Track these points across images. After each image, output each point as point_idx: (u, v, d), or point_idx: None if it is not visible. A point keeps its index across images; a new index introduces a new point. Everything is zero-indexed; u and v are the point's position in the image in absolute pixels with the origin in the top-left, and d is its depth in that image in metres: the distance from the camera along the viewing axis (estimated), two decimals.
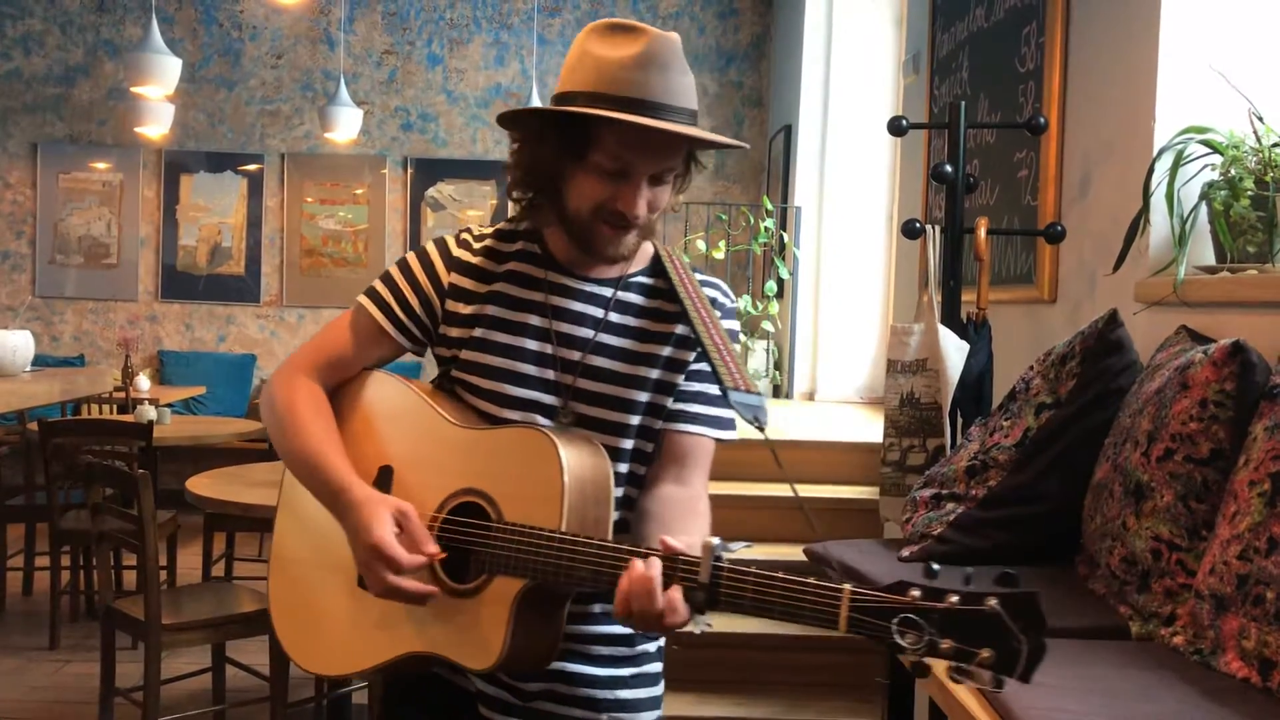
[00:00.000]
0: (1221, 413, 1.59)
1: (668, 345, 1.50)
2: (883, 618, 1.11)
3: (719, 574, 1.21)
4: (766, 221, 6.03)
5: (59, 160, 7.92)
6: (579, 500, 1.36)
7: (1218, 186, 2.04)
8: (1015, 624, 1.05)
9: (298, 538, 1.56)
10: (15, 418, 6.11)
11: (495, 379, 1.47)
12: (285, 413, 1.50)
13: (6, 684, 4.15)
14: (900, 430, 2.59)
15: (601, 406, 1.47)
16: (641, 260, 1.54)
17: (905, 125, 2.69)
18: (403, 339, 1.52)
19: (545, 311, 1.49)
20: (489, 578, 1.36)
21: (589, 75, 1.39)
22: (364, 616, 1.46)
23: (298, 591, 1.55)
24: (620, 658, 1.52)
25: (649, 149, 1.39)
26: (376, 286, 1.54)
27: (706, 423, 1.52)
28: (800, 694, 3.49)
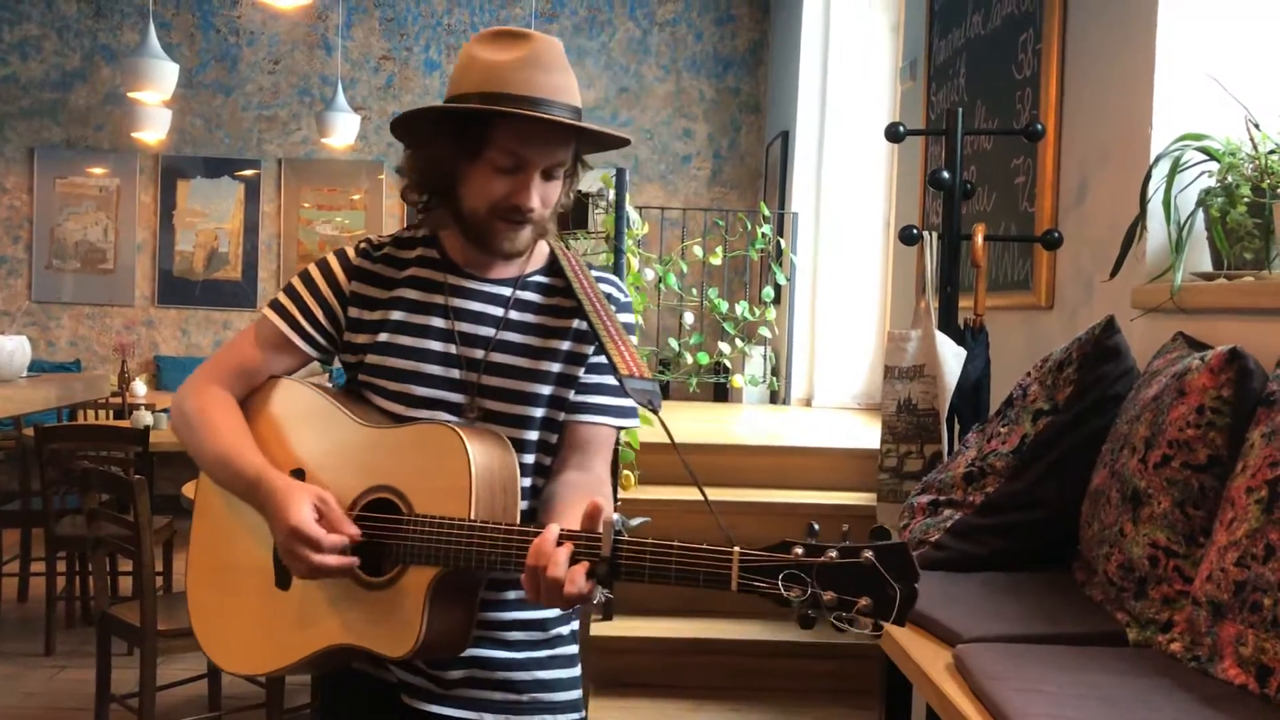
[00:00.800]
0: (1219, 419, 1.59)
1: (566, 340, 1.56)
2: (769, 576, 1.20)
3: (619, 547, 1.28)
4: (764, 227, 6.04)
5: (56, 165, 7.92)
6: (486, 490, 1.41)
7: (1214, 193, 2.04)
8: (889, 573, 1.16)
9: (213, 542, 1.60)
10: (11, 423, 6.10)
11: (402, 381, 1.52)
12: (196, 416, 1.54)
13: (2, 690, 4.14)
14: (898, 436, 2.59)
15: (507, 401, 1.53)
16: (538, 260, 1.60)
17: (903, 131, 2.70)
18: (308, 348, 1.57)
19: (447, 313, 1.55)
20: (403, 569, 1.42)
21: (479, 77, 1.46)
22: (282, 615, 1.51)
23: (215, 594, 1.58)
24: (535, 641, 1.57)
25: (541, 142, 1.46)
26: (280, 298, 1.59)
27: (606, 412, 1.59)
28: (797, 700, 3.49)
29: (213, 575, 1.59)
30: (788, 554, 1.20)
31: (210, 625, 1.59)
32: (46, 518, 4.49)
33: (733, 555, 1.22)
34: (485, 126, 1.46)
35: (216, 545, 1.60)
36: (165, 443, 5.22)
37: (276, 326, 1.57)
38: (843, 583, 1.18)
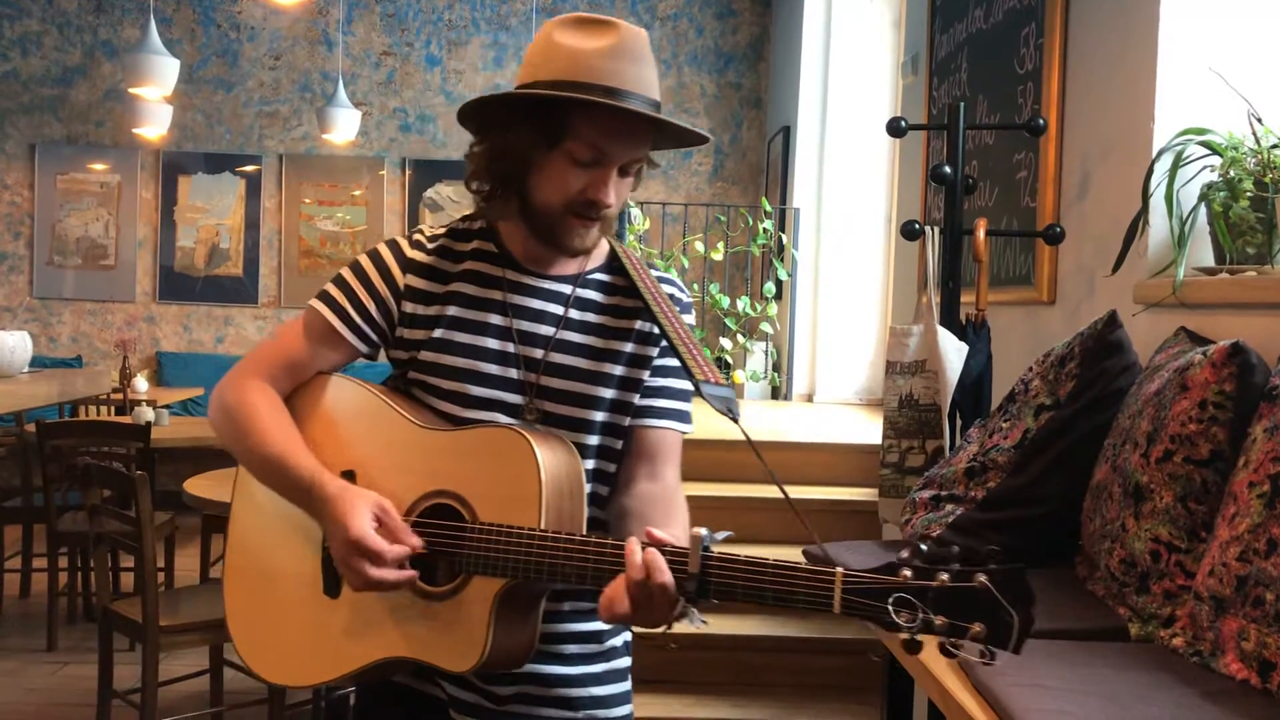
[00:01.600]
0: (1221, 414, 1.59)
1: (629, 341, 1.50)
2: (877, 599, 1.13)
3: (708, 563, 1.21)
4: (765, 223, 6.04)
5: (57, 161, 7.92)
6: (556, 498, 1.35)
7: (1217, 188, 2.04)
8: (1004, 597, 1.09)
9: (254, 546, 1.52)
10: (13, 419, 6.11)
11: (457, 379, 1.45)
12: (240, 414, 1.45)
13: (4, 686, 4.14)
14: (899, 432, 2.59)
15: (567, 404, 1.47)
16: (598, 257, 1.54)
17: (904, 126, 2.69)
18: (357, 342, 1.49)
19: (505, 310, 1.47)
20: (466, 579, 1.35)
21: (561, 65, 1.39)
22: (330, 624, 1.43)
23: (258, 602, 1.50)
24: (591, 655, 1.51)
25: (625, 137, 1.39)
26: (329, 289, 1.51)
27: (674, 417, 1.53)
28: (799, 696, 3.49)
29: (254, 581, 1.51)
30: (895, 576, 1.13)
31: (251, 633, 1.50)
32: (48, 513, 4.49)
33: (835, 576, 1.15)
34: (566, 116, 1.38)
35: (258, 549, 1.51)
36: (167, 439, 5.23)
37: (325, 319, 1.49)
38: (955, 607, 1.10)
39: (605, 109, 1.37)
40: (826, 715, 3.40)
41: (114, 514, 3.38)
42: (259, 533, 1.51)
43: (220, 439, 1.50)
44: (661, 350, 1.51)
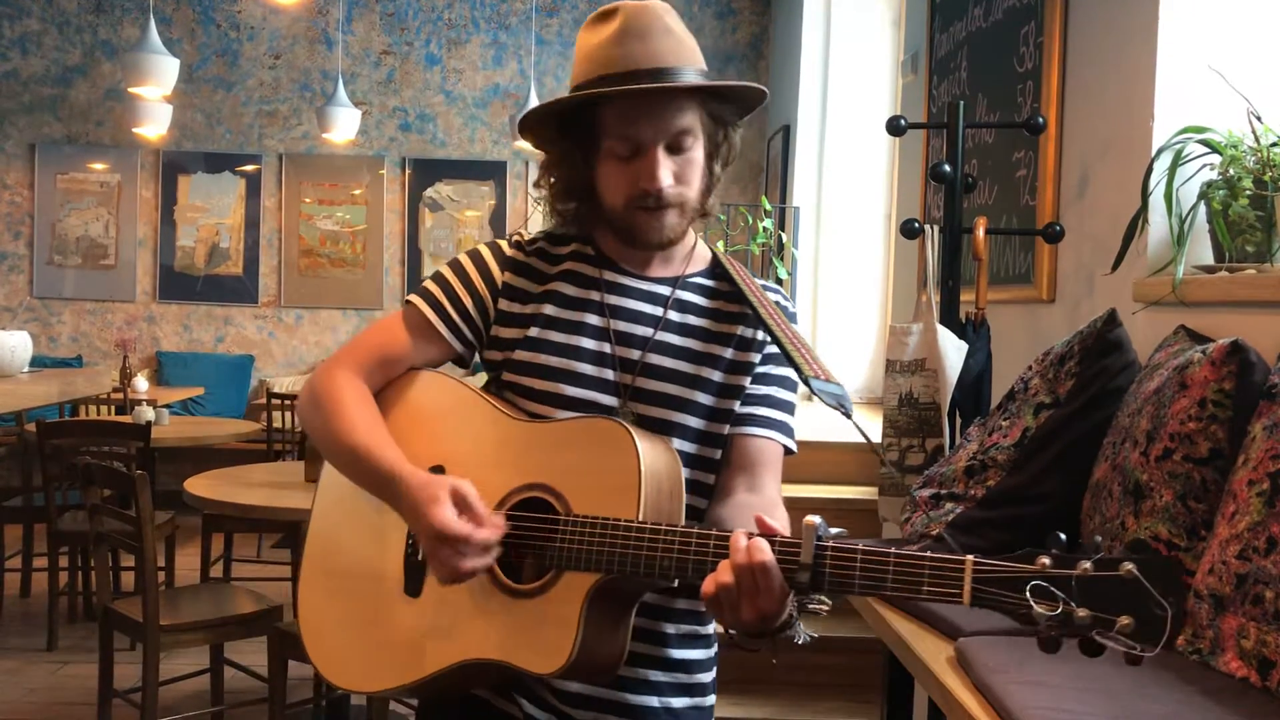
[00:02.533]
0: (1220, 412, 1.59)
1: (730, 347, 1.46)
2: (1012, 588, 1.05)
3: (822, 553, 1.14)
4: (765, 222, 6.03)
5: (56, 161, 7.92)
6: (654, 491, 1.29)
7: (1216, 186, 2.04)
8: (1155, 588, 1.00)
9: (334, 545, 1.48)
10: (13, 419, 6.11)
11: (551, 379, 1.42)
12: (328, 403, 1.43)
13: (4, 685, 4.14)
14: (899, 430, 2.59)
15: (662, 406, 1.42)
16: (700, 262, 1.52)
17: (904, 125, 2.69)
18: (454, 339, 1.47)
19: (602, 310, 1.45)
20: (556, 575, 1.29)
21: (581, 67, 1.40)
22: (411, 625, 1.38)
23: (335, 605, 1.45)
24: (678, 686, 1.45)
25: (648, 116, 1.36)
26: (428, 285, 1.49)
27: (776, 427, 1.47)
28: (799, 694, 3.49)
29: (331, 580, 1.46)
30: (1031, 564, 1.05)
31: (324, 637, 1.44)
32: (49, 513, 4.50)
33: (965, 564, 1.08)
34: (593, 117, 1.38)
35: (338, 548, 1.47)
36: (167, 438, 5.23)
37: (423, 314, 1.47)
38: (1100, 598, 1.02)
39: (616, 97, 1.35)
40: (827, 713, 3.40)
41: (114, 513, 3.38)
42: (340, 530, 1.47)
43: (307, 429, 1.48)
44: (765, 358, 1.48)
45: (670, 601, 1.44)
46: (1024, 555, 1.06)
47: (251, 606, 3.45)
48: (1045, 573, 1.04)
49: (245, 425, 6.01)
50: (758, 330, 1.48)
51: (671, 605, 1.44)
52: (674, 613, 1.45)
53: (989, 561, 1.07)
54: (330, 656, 1.44)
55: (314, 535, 1.50)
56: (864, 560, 1.13)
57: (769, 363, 1.48)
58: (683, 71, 1.38)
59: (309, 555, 1.49)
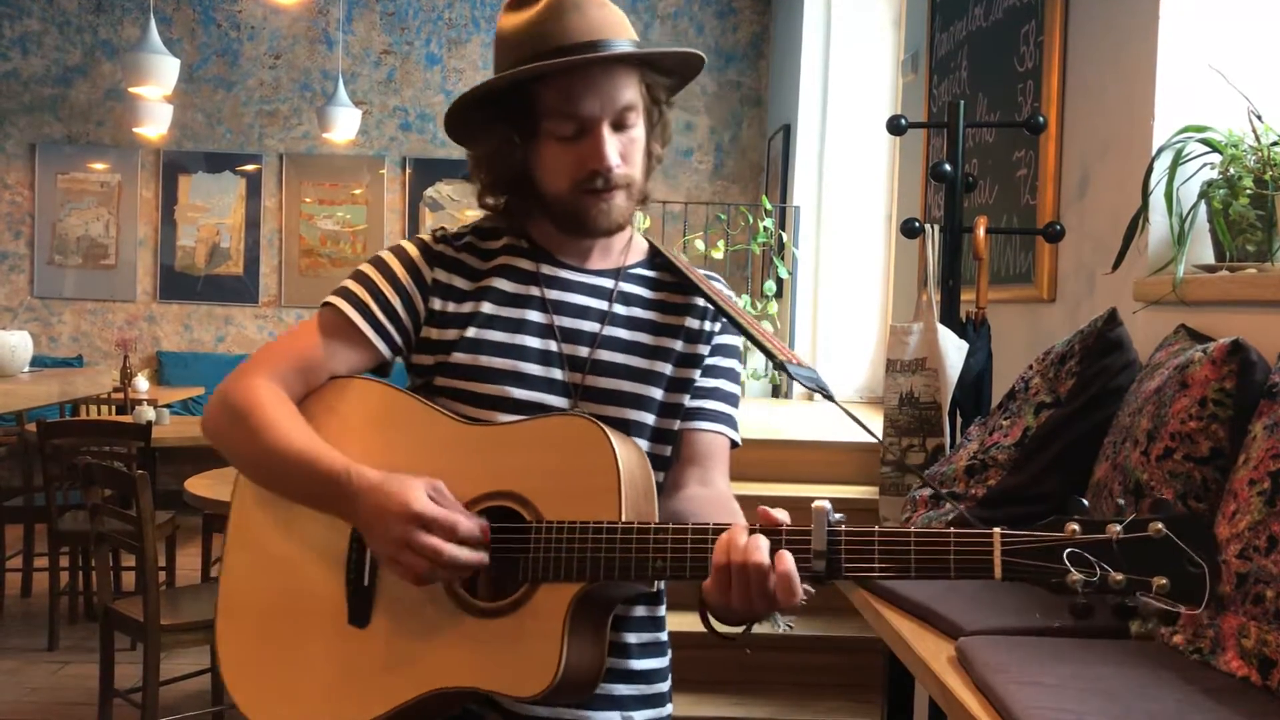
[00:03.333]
0: (1221, 411, 1.59)
1: (679, 339, 1.40)
2: (1044, 558, 1.03)
3: (836, 538, 1.09)
4: (765, 221, 6.03)
5: (57, 161, 7.92)
6: (632, 490, 1.21)
7: (1217, 185, 2.04)
8: (1188, 546, 0.99)
9: (257, 580, 1.32)
10: (14, 419, 6.11)
11: (496, 382, 1.32)
12: (249, 414, 1.28)
13: (5, 685, 4.14)
14: (899, 430, 2.58)
15: (616, 405, 1.35)
16: (637, 252, 1.45)
17: (904, 124, 2.69)
18: (380, 343, 1.34)
19: (544, 305, 1.36)
20: (531, 588, 1.19)
21: (508, 51, 1.31)
22: (363, 659, 1.25)
23: (266, 649, 1.30)
24: (640, 698, 1.37)
25: (591, 90, 1.28)
26: (349, 285, 1.37)
27: (725, 421, 1.42)
28: (800, 694, 3.49)
29: (258, 621, 1.31)
30: (1061, 531, 1.03)
31: (257, 686, 1.30)
32: (49, 513, 4.50)
33: (993, 537, 1.05)
34: (529, 98, 1.29)
35: (262, 582, 1.32)
36: (168, 438, 5.23)
37: (347, 316, 1.34)
38: (1133, 561, 1.00)
39: (552, 73, 1.27)
40: (827, 713, 3.40)
41: (115, 513, 3.38)
42: (263, 565, 1.33)
43: (221, 445, 1.34)
44: (714, 349, 1.42)
45: (630, 610, 1.37)
46: (1051, 523, 1.04)
47: None
48: (1076, 539, 1.02)
49: None
50: (704, 321, 1.42)
51: (631, 614, 1.37)
52: (634, 621, 1.38)
53: (1017, 533, 1.05)
54: (269, 706, 1.29)
55: (231, 575, 1.35)
56: (882, 542, 1.08)
57: (717, 354, 1.42)
58: (619, 44, 1.30)
59: (226, 599, 1.35)
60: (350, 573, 1.27)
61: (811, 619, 3.55)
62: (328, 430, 1.30)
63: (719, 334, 1.44)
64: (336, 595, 1.27)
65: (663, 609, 1.44)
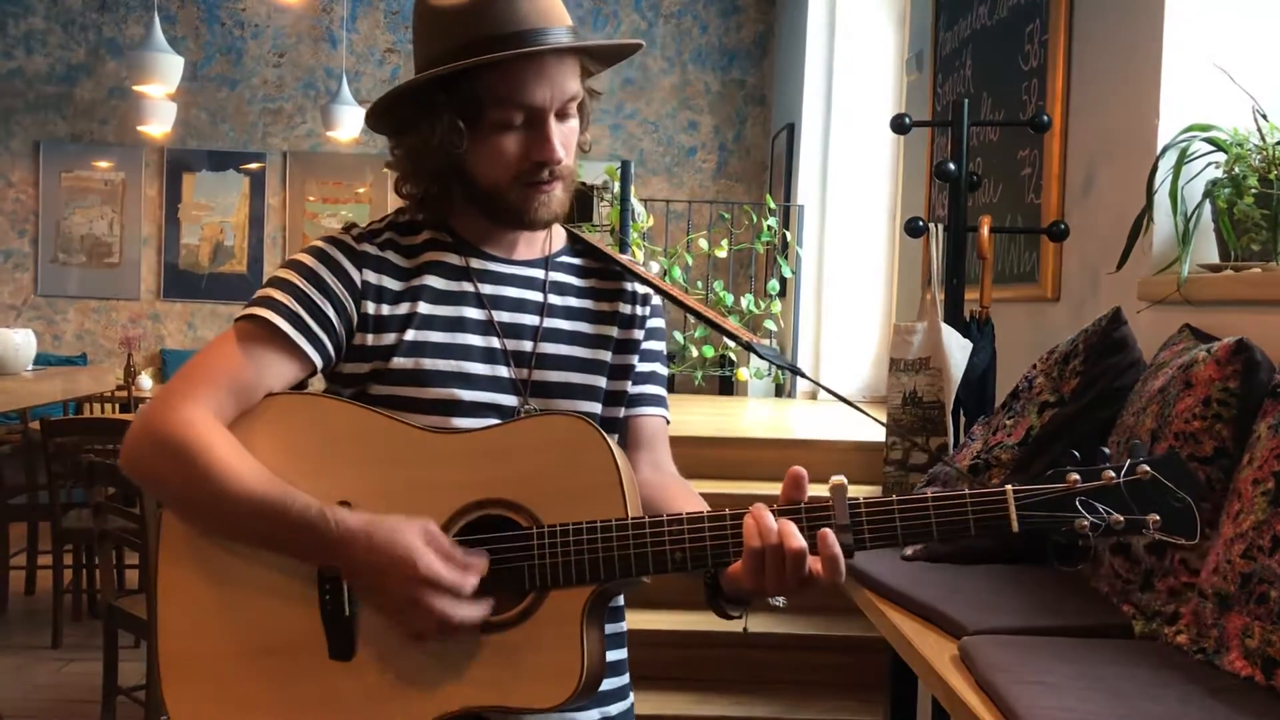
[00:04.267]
0: (1225, 411, 1.58)
1: (615, 325, 1.38)
2: (1056, 508, 1.11)
3: (857, 511, 1.13)
4: (769, 220, 6.03)
5: (61, 159, 7.93)
6: (630, 487, 1.20)
7: (1222, 184, 2.03)
8: (1172, 483, 1.09)
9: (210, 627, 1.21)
10: (17, 417, 6.11)
11: (443, 385, 1.26)
12: (191, 455, 1.16)
13: (9, 683, 4.15)
14: (903, 429, 2.58)
15: (567, 397, 1.32)
16: (559, 239, 1.41)
17: (909, 123, 2.69)
18: (313, 353, 1.25)
19: (480, 301, 1.31)
20: (539, 596, 1.16)
21: (442, 31, 1.24)
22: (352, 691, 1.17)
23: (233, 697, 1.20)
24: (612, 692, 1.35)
25: (544, 80, 1.23)
26: (271, 294, 1.26)
27: (662, 404, 1.43)
28: (802, 693, 3.48)
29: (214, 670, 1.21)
30: (1062, 483, 1.11)
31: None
32: (53, 511, 4.51)
33: (1006, 493, 1.11)
34: (475, 85, 1.23)
35: (212, 628, 1.21)
36: None
37: (277, 328, 1.23)
38: (1128, 503, 1.10)
39: (506, 62, 1.21)
40: (830, 712, 3.39)
41: (118, 511, 3.39)
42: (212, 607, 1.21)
43: (153, 486, 1.23)
44: (648, 333, 1.42)
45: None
46: (1053, 476, 1.13)
47: None
48: (1079, 488, 1.11)
49: None
50: (635, 305, 1.40)
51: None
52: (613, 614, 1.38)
53: (1027, 488, 1.12)
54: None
55: (171, 624, 1.24)
56: (902, 510, 1.13)
57: (650, 338, 1.42)
58: (563, 31, 1.25)
59: (170, 652, 1.24)
60: (326, 606, 1.18)
61: (814, 619, 3.55)
62: (277, 458, 1.19)
63: (649, 317, 1.43)
64: (311, 630, 1.18)
65: (620, 598, 1.42)
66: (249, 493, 1.16)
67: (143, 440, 1.20)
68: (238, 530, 1.20)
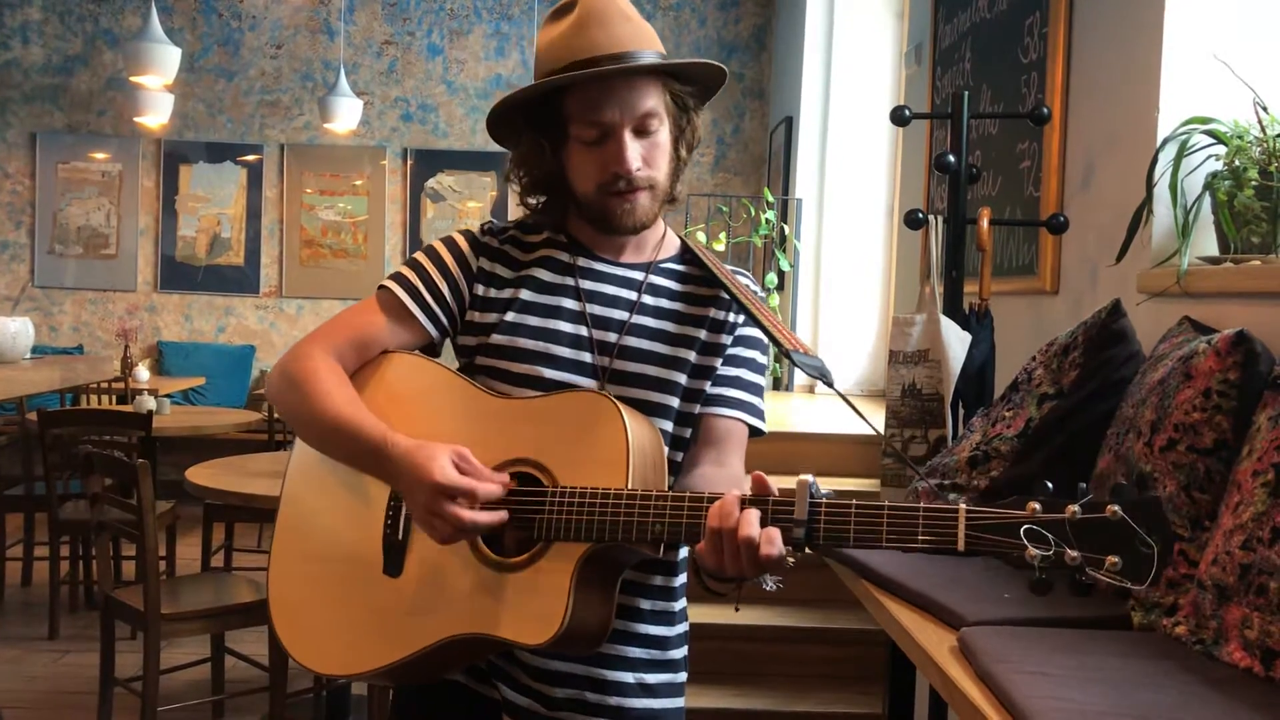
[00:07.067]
0: (1225, 403, 1.58)
1: (703, 329, 1.50)
2: (1005, 533, 1.11)
3: (816, 508, 1.19)
4: (767, 213, 6.02)
5: (58, 150, 7.91)
6: (641, 461, 1.32)
7: (1221, 177, 2.03)
8: (1141, 527, 1.06)
9: (305, 530, 1.47)
10: (14, 407, 6.11)
11: (529, 362, 1.44)
12: (304, 381, 1.42)
13: (6, 674, 4.15)
14: (902, 421, 2.58)
15: (640, 388, 1.46)
16: (670, 249, 1.56)
17: (908, 115, 2.68)
18: (429, 324, 1.48)
19: (578, 294, 1.48)
20: (544, 547, 1.31)
21: (543, 62, 1.44)
22: (392, 605, 1.38)
23: (309, 589, 1.44)
24: (653, 662, 1.49)
25: (612, 99, 1.39)
26: (403, 271, 1.51)
27: (743, 408, 1.52)
28: (801, 685, 3.49)
29: (304, 566, 1.45)
30: (1022, 510, 1.11)
31: (299, 622, 1.43)
32: (50, 502, 4.50)
33: (958, 513, 1.13)
34: (557, 106, 1.42)
35: (310, 532, 1.47)
36: (168, 428, 5.23)
37: (398, 297, 1.47)
38: (1089, 540, 1.08)
39: (579, 83, 1.39)
40: (828, 705, 3.40)
41: (116, 502, 3.38)
42: (312, 514, 1.48)
43: (281, 409, 1.48)
44: (736, 340, 1.52)
45: (646, 578, 1.48)
46: (1014, 502, 1.12)
47: (252, 596, 3.45)
48: (1036, 517, 1.10)
49: (246, 415, 6.02)
50: (728, 313, 1.52)
51: (647, 581, 1.48)
52: (648, 589, 1.49)
53: (981, 509, 1.12)
54: (306, 642, 1.43)
55: (284, 521, 1.49)
56: (858, 514, 1.17)
57: (739, 345, 1.53)
58: (643, 55, 1.41)
59: (279, 542, 1.49)
60: (387, 527, 1.40)
61: (812, 611, 3.56)
62: (375, 399, 1.43)
63: (742, 325, 1.54)
64: (374, 546, 1.40)
65: (678, 580, 1.54)
66: (336, 414, 1.39)
67: (276, 373, 1.48)
68: (328, 445, 1.43)
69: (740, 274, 1.56)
